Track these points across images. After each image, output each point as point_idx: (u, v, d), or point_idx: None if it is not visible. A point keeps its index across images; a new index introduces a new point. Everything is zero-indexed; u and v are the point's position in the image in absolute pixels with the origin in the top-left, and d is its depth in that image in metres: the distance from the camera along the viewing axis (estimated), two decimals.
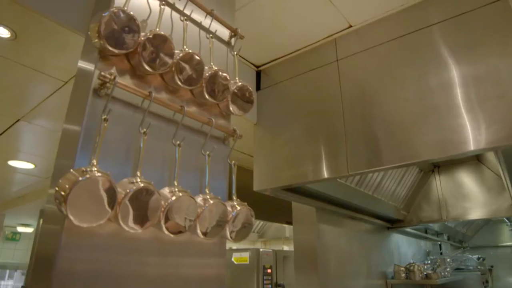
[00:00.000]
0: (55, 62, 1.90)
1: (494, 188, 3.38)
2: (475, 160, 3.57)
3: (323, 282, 2.62)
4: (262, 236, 4.86)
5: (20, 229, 7.03)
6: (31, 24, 1.65)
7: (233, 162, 1.34)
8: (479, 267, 4.59)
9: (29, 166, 3.65)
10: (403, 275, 3.48)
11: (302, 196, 2.54)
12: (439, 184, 3.72)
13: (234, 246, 4.35)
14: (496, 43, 1.60)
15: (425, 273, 3.46)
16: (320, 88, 2.15)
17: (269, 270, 3.81)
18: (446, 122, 1.63)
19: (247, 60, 2.41)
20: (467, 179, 3.61)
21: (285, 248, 4.73)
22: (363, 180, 2.94)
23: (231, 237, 1.21)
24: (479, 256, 4.78)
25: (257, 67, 2.49)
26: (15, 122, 2.65)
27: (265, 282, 3.74)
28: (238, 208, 1.23)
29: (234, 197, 1.29)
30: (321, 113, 2.09)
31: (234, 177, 1.32)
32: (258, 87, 2.47)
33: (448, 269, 3.86)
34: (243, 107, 1.40)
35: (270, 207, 3.72)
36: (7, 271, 7.57)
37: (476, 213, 3.47)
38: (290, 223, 3.01)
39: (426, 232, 4.60)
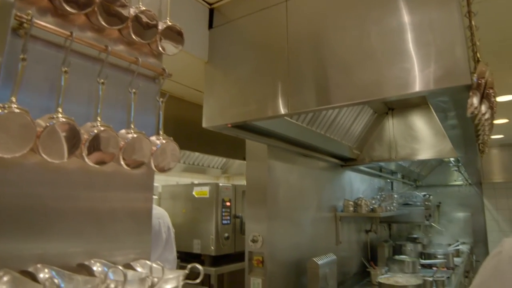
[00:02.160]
0: None
1: (441, 131, 3.57)
2: (426, 104, 3.73)
3: (272, 214, 2.84)
4: (225, 172, 5.07)
5: None
6: None
7: (161, 99, 1.43)
8: (426, 203, 4.96)
9: None
10: (351, 208, 3.75)
11: (252, 133, 2.66)
12: (392, 126, 3.89)
13: (196, 180, 4.54)
14: None
15: (371, 207, 3.74)
16: (269, 27, 2.19)
17: (228, 203, 4.03)
18: (392, 64, 1.71)
19: None
20: (418, 122, 3.79)
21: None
22: (315, 120, 3.07)
23: (156, 169, 1.33)
24: (425, 193, 5.15)
25: (210, 4, 2.48)
26: None
27: (223, 214, 3.98)
28: (164, 141, 1.34)
29: (161, 132, 1.39)
30: (268, 53, 2.15)
31: (161, 113, 1.41)
32: (210, 25, 2.48)
33: (394, 204, 4.17)
34: (174, 47, 1.46)
35: (230, 144, 3.86)
36: None
37: (422, 154, 3.69)
38: None
39: (380, 170, 4.87)
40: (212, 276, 3.89)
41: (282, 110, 2.03)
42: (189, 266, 1.26)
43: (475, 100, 1.73)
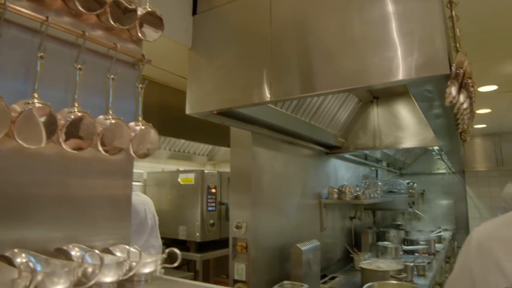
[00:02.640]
0: None
1: (424, 120, 3.62)
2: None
3: (256, 201, 2.86)
4: (211, 159, 5.08)
5: None
6: None
7: (140, 86, 1.43)
8: (410, 190, 5.04)
9: None
10: (336, 195, 3.80)
11: (236, 120, 2.66)
12: (376, 114, 3.93)
13: (181, 167, 4.54)
14: None
15: (355, 194, 3.79)
16: (253, 14, 2.18)
17: (213, 190, 4.06)
18: (375, 52, 1.71)
19: None
20: (402, 111, 3.83)
21: None
22: (299, 107, 3.08)
23: (135, 155, 1.34)
24: (409, 181, 5.23)
25: None
26: None
27: (209, 201, 4.00)
28: (143, 127, 1.35)
29: (140, 118, 1.40)
30: (252, 40, 2.14)
31: (140, 99, 1.41)
32: (194, 12, 2.46)
33: (378, 191, 4.23)
34: (154, 32, 1.46)
35: (216, 131, 3.85)
36: None
37: (405, 143, 3.74)
38: None
39: (366, 158, 4.92)
40: (197, 262, 3.93)
41: (266, 97, 2.04)
42: (167, 250, 1.28)
43: (453, 90, 1.76)
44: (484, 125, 5.88)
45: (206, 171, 4.00)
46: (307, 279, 2.96)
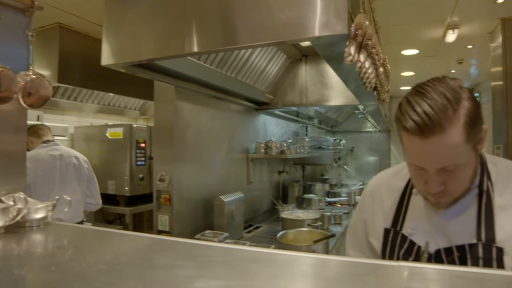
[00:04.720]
0: None
1: None
2: None
3: (179, 154, 2.91)
4: (144, 113, 5.01)
5: None
6: None
7: (30, 33, 1.39)
8: (338, 147, 5.31)
9: None
10: (263, 150, 3.93)
11: (157, 73, 2.64)
12: (304, 72, 4.04)
13: (110, 122, 4.46)
14: None
15: (281, 149, 3.94)
16: None
17: (142, 145, 4.05)
18: (287, 8, 1.74)
19: None
20: (329, 70, 3.92)
21: None
22: (224, 62, 3.10)
23: (25, 104, 1.32)
24: (336, 138, 5.51)
25: None
26: None
27: (138, 155, 4.00)
28: (33, 77, 1.33)
29: (31, 68, 1.37)
30: None
31: (31, 47, 1.38)
32: None
33: (305, 146, 4.43)
34: None
35: (146, 85, 3.79)
36: None
37: (331, 101, 3.91)
38: None
39: (297, 115, 5.08)
40: (127, 216, 3.98)
41: (184, 50, 2.03)
42: (57, 197, 1.31)
43: (352, 49, 1.86)
44: (409, 87, 6.21)
45: (134, 126, 3.97)
46: (230, 229, 3.12)
